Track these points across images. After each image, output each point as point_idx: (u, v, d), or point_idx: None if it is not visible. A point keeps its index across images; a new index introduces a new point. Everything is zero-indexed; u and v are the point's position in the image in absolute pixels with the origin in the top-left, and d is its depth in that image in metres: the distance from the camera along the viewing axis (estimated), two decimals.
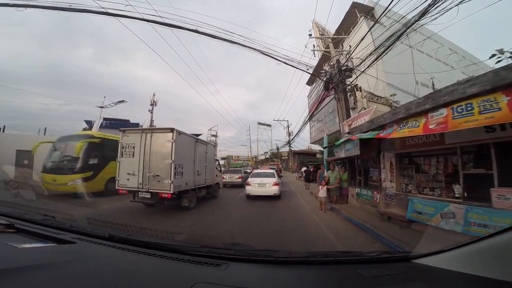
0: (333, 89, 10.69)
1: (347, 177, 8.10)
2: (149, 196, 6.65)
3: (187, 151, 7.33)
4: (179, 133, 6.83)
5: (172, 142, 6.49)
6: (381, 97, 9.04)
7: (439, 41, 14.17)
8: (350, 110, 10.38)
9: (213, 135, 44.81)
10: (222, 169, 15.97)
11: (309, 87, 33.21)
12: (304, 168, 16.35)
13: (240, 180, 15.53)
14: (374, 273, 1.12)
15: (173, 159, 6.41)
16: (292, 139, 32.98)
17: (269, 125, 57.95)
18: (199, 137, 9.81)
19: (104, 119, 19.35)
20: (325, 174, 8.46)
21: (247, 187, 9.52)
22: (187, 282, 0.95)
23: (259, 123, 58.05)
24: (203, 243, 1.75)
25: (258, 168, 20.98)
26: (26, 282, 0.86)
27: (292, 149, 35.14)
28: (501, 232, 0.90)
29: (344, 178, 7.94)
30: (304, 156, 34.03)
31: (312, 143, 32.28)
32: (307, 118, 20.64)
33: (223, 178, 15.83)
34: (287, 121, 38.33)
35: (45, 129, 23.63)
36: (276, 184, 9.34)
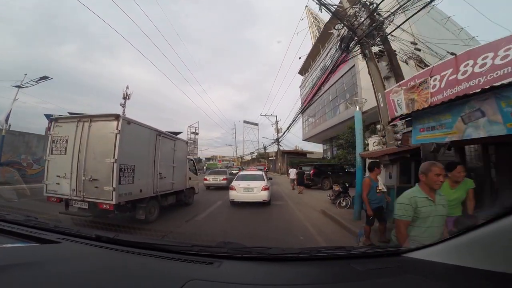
0: (353, 49, 7.47)
1: (467, 194, 2.84)
2: (86, 207, 4.87)
3: (142, 148, 5.57)
4: (129, 122, 5.07)
5: (117, 134, 4.73)
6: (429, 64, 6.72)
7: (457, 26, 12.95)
8: (384, 79, 7.10)
9: (193, 133, 42.38)
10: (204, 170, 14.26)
11: (301, 78, 29.63)
12: (293, 170, 13.34)
13: (225, 182, 14.19)
14: (367, 267, 1.13)
15: (116, 157, 4.64)
16: (282, 135, 29.84)
17: (256, 124, 55.72)
18: (179, 135, 8.10)
19: (70, 114, 17.00)
20: (380, 187, 4.17)
21: (231, 192, 8.14)
22: (180, 279, 0.91)
23: (245, 122, 55.42)
24: (194, 242, 1.51)
25: (243, 169, 19.38)
26: (6, 281, 0.83)
27: (281, 147, 32.19)
28: (486, 223, 0.89)
29: (459, 195, 2.81)
30: (294, 156, 31.84)
31: (305, 140, 28.40)
32: (301, 110, 18.60)
33: (206, 179, 14.57)
34: (276, 116, 33.74)
35: (9, 125, 21.31)
36: (266, 188, 8.02)
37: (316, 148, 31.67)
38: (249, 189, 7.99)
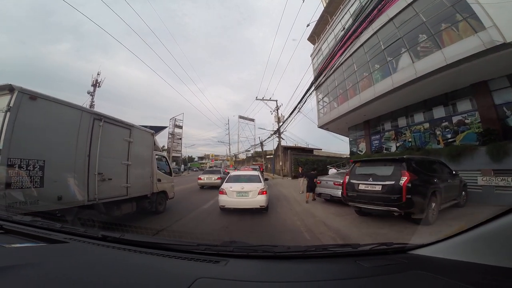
0: None
1: None
2: None
3: (64, 136, 3.88)
4: (34, 96, 3.40)
5: (6, 112, 3.10)
6: None
7: None
8: None
9: (176, 126, 39.73)
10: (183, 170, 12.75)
11: (312, 46, 20.72)
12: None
13: (219, 181, 13.38)
14: (373, 263, 1.13)
15: (1, 147, 3.01)
16: (285, 121, 22.48)
17: (252, 120, 52.67)
18: (163, 130, 6.46)
19: None
20: None
21: (221, 197, 6.68)
22: (188, 278, 0.90)
23: (240, 117, 52.25)
24: (200, 241, 1.48)
25: (235, 169, 17.56)
26: (17, 281, 0.83)
27: (283, 140, 25.60)
28: (491, 220, 0.90)
29: None
30: (299, 153, 26.90)
31: (321, 127, 19.19)
32: (316, 82, 12.39)
33: (200, 179, 14.25)
34: (276, 101, 26.04)
35: None
36: (263, 192, 6.70)
37: (322, 145, 27.50)
38: (243, 193, 6.61)
